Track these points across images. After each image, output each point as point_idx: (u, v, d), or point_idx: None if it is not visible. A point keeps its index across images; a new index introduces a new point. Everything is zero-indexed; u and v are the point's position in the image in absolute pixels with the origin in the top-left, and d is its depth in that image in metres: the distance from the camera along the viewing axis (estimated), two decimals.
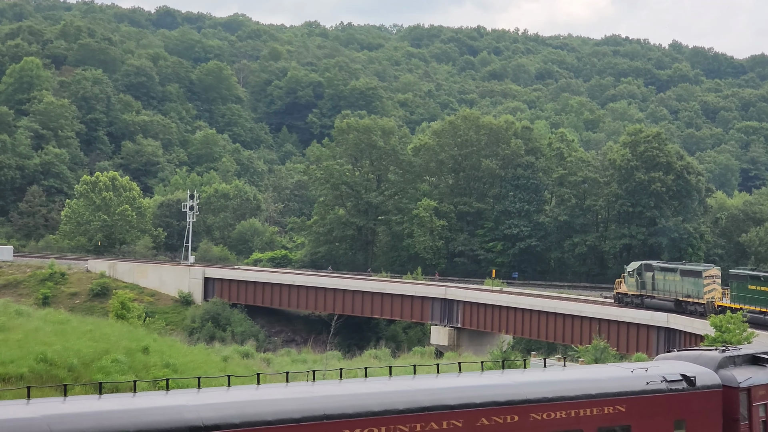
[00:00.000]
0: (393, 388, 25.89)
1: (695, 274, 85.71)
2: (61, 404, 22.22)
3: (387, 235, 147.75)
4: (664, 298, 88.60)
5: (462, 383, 27.57)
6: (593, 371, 33.10)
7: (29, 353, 49.34)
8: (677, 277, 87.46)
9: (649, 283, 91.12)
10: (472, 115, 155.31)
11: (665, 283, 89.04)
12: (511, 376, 28.91)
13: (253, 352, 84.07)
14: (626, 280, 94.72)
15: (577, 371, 32.67)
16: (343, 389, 25.47)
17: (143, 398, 23.70)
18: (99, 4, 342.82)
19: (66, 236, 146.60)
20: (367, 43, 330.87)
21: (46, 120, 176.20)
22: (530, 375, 29.50)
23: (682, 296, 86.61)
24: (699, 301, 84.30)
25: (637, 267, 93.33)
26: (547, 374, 29.97)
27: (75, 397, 23.68)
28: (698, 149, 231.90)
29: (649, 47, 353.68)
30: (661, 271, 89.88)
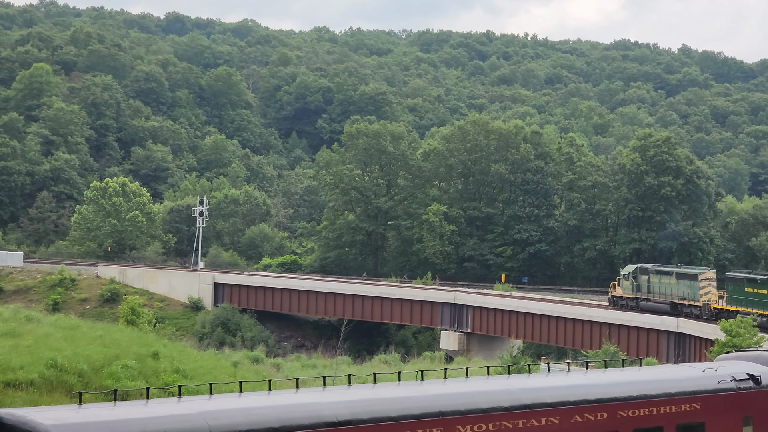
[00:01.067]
0: (497, 388, 27.64)
1: (691, 277, 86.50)
2: (208, 402, 24.60)
3: (396, 240, 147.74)
4: (660, 300, 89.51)
5: (556, 383, 29.14)
6: (670, 371, 34.21)
7: (39, 359, 49.37)
8: (673, 280, 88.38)
9: (644, 286, 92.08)
10: (482, 120, 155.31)
11: (661, 286, 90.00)
12: (598, 377, 30.58)
13: (263, 358, 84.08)
14: (621, 284, 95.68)
15: (655, 371, 33.96)
16: (450, 389, 27.14)
17: (279, 396, 25.74)
18: (109, 10, 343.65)
19: (76, 242, 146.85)
20: (377, 48, 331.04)
21: (55, 126, 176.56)
22: (614, 375, 30.98)
23: (677, 299, 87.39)
24: (695, 303, 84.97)
25: (633, 270, 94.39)
26: (630, 374, 31.31)
27: (218, 395, 25.94)
28: (708, 153, 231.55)
29: (658, 51, 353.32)
30: (656, 274, 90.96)
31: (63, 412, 23.11)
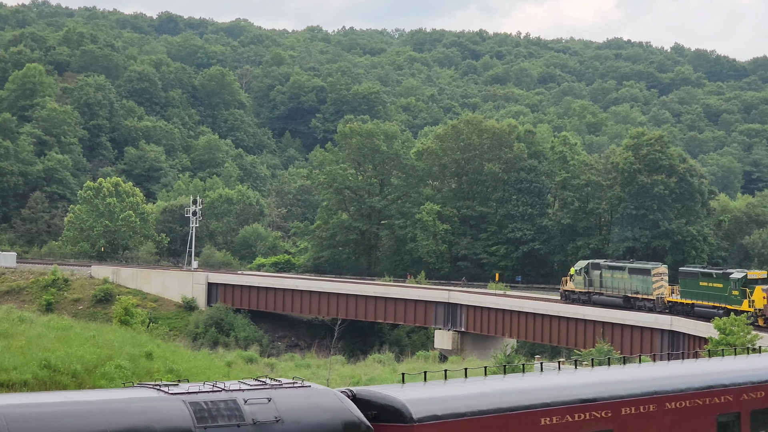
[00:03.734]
0: (626, 377, 30.21)
1: (644, 272, 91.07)
2: (503, 381, 28.40)
3: (390, 239, 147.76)
4: (613, 294, 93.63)
5: (660, 373, 31.57)
6: (758, 360, 35.95)
7: (32, 359, 49.30)
8: (625, 275, 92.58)
9: (596, 281, 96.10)
10: (475, 119, 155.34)
11: (613, 281, 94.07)
12: (696, 366, 33.34)
13: (256, 357, 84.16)
14: (573, 279, 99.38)
15: (740, 361, 35.51)
16: (590, 378, 29.83)
17: (521, 379, 29.19)
18: (101, 10, 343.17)
19: (69, 242, 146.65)
20: (370, 47, 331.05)
21: (48, 126, 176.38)
22: (694, 366, 33.61)
23: (630, 293, 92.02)
24: (648, 297, 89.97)
25: (585, 266, 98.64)
26: (716, 364, 33.65)
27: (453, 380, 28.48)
28: (701, 152, 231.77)
29: (651, 50, 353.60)
30: (608, 269, 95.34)
31: (410, 389, 26.86)
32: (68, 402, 21.99)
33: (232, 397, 23.96)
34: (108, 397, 23.12)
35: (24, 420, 20.72)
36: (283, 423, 23.91)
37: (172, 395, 23.44)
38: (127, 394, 23.48)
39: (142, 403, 22.87)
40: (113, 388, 30.24)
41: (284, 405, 24.22)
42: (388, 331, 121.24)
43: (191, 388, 24.20)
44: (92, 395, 23.47)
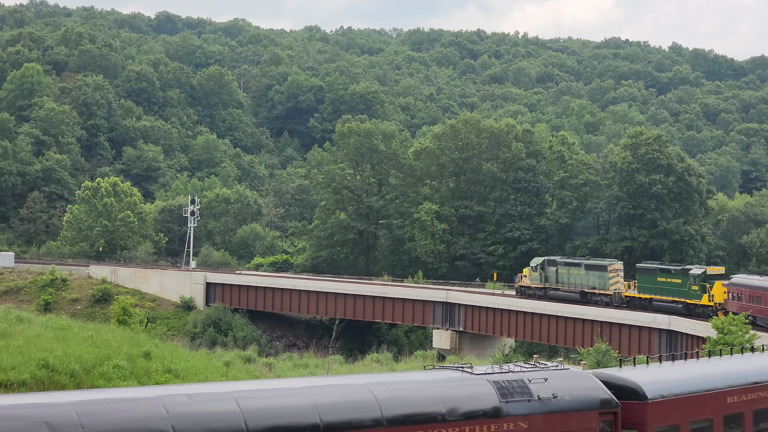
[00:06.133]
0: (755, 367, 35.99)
1: (600, 268, 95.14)
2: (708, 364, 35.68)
3: (388, 239, 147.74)
4: (569, 290, 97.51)
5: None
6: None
7: (30, 359, 49.35)
8: (582, 271, 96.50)
9: (552, 277, 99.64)
10: (473, 119, 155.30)
11: (569, 277, 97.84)
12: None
13: (255, 357, 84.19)
14: (529, 275, 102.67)
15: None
16: (730, 366, 35.54)
17: (703, 364, 36.04)
18: (99, 10, 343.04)
19: (67, 242, 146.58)
20: (368, 47, 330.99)
21: (47, 126, 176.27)
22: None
23: (587, 288, 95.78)
24: (605, 292, 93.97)
25: (540, 263, 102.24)
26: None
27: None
28: (699, 151, 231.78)
29: (649, 50, 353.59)
30: (564, 266, 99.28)
31: (638, 372, 31.96)
32: (410, 381, 27.66)
33: (520, 377, 28.65)
34: (430, 377, 28.23)
35: (388, 388, 26.66)
36: (558, 399, 28.46)
37: (477, 375, 28.33)
38: (440, 375, 28.73)
39: (458, 381, 28.03)
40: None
41: (557, 384, 28.82)
42: (386, 330, 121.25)
43: (487, 369, 29.08)
44: (416, 376, 28.69)
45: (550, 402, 28.27)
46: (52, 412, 21.70)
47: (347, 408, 25.11)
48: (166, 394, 23.65)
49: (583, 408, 28.86)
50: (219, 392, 24.35)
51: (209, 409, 23.30)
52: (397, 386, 27.07)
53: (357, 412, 25.14)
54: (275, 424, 23.83)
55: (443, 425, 26.29)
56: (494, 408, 27.33)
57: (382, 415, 25.43)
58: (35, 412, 21.58)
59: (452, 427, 26.49)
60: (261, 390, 25.40)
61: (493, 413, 27.26)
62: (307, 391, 25.31)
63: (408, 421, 25.78)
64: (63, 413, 21.76)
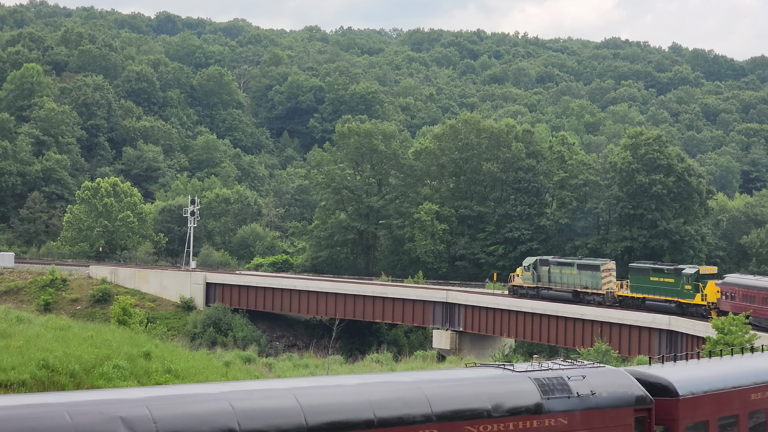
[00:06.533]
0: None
1: (593, 268, 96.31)
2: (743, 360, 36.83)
3: (388, 239, 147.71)
4: (562, 289, 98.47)
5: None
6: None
7: (30, 360, 49.31)
8: (574, 270, 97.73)
9: (545, 277, 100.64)
10: (473, 119, 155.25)
11: (562, 276, 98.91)
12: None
13: (255, 357, 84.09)
14: (522, 275, 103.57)
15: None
16: (753, 364, 36.80)
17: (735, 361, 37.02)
18: (99, 10, 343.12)
19: (67, 242, 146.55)
20: (368, 47, 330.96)
21: (47, 126, 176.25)
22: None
23: (580, 288, 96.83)
24: (598, 291, 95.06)
25: (533, 262, 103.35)
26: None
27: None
28: (699, 151, 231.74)
29: (649, 50, 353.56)
30: (557, 265, 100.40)
31: (669, 369, 33.00)
32: (457, 378, 28.87)
33: (560, 374, 29.65)
34: (474, 375, 29.30)
35: (436, 385, 27.69)
36: (596, 396, 29.46)
37: (519, 373, 29.36)
38: (483, 372, 29.70)
39: (501, 378, 29.02)
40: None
41: (594, 381, 29.81)
42: (386, 330, 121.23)
43: (528, 367, 30.13)
44: (461, 374, 29.85)
45: (588, 399, 29.30)
46: (125, 408, 22.83)
47: (399, 404, 26.14)
48: (230, 390, 24.88)
49: (620, 405, 29.86)
50: (279, 389, 25.66)
51: (271, 405, 24.51)
52: (445, 383, 28.24)
53: (408, 408, 26.16)
54: (332, 420, 24.99)
55: (489, 421, 27.32)
56: (536, 404, 28.39)
57: (432, 411, 26.45)
58: (110, 408, 22.74)
59: (497, 423, 27.52)
60: (316, 387, 26.49)
61: (535, 409, 28.33)
62: (362, 389, 26.52)
63: (456, 417, 26.84)
64: (135, 408, 22.91)
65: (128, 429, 22.35)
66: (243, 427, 23.61)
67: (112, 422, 22.24)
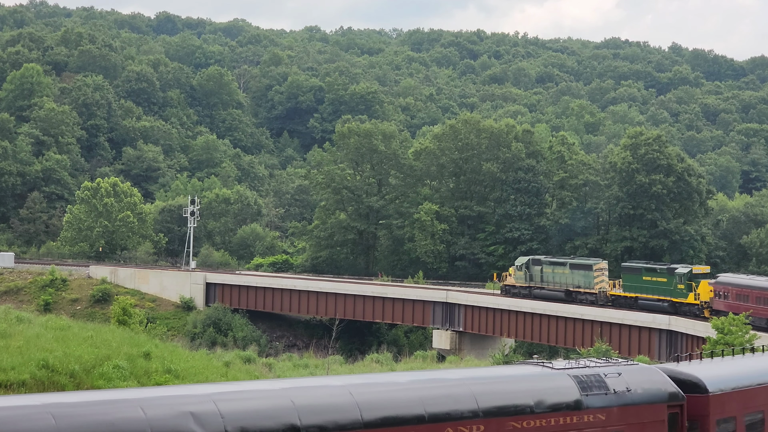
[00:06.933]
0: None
1: (586, 268, 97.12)
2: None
3: (388, 239, 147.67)
4: (554, 289, 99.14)
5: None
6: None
7: (30, 360, 49.29)
8: (567, 270, 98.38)
9: (537, 276, 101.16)
10: (473, 119, 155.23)
11: (554, 276, 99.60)
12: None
13: (254, 357, 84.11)
14: (514, 274, 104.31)
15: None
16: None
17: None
18: (99, 11, 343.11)
19: (67, 242, 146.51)
20: (368, 47, 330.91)
21: (46, 126, 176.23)
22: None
23: (572, 287, 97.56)
24: (590, 291, 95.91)
25: (526, 262, 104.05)
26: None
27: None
28: (699, 151, 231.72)
29: (649, 50, 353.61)
30: (549, 265, 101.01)
31: (697, 367, 33.73)
32: (501, 376, 30.26)
33: (597, 372, 30.54)
34: (516, 372, 30.60)
35: (482, 383, 28.79)
36: (632, 392, 30.33)
37: (558, 370, 30.34)
38: (524, 370, 30.80)
39: (542, 375, 29.96)
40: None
41: (629, 378, 30.71)
42: (386, 330, 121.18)
43: (566, 364, 31.06)
44: (504, 371, 31.76)
45: (624, 395, 30.19)
46: (194, 403, 23.93)
47: (448, 401, 27.22)
48: (291, 387, 26.20)
49: (654, 401, 30.82)
50: (335, 385, 26.75)
51: (329, 402, 25.69)
52: (490, 380, 29.43)
53: (456, 405, 27.23)
54: (386, 415, 26.12)
55: (531, 417, 28.32)
56: (576, 401, 29.35)
57: (478, 407, 27.50)
58: (179, 403, 23.88)
59: (539, 419, 28.51)
60: (371, 383, 27.61)
61: (575, 406, 29.30)
62: (413, 385, 27.64)
63: (501, 413, 27.88)
64: (204, 403, 23.98)
65: (197, 424, 23.37)
66: (303, 422, 24.69)
67: (183, 417, 23.33)
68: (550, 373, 30.34)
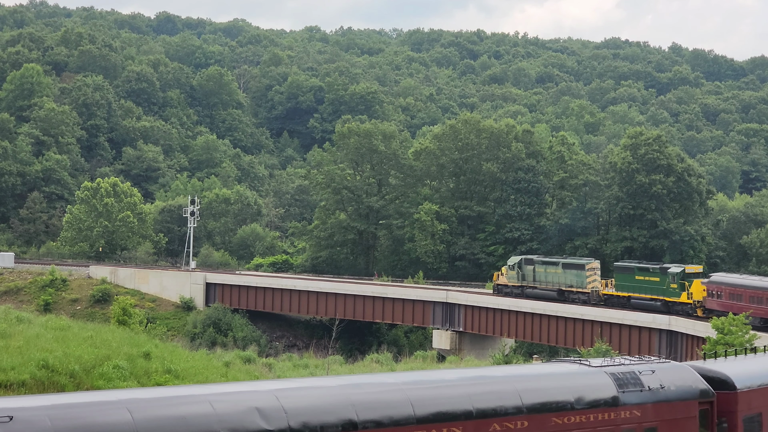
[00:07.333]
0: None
1: (578, 267, 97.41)
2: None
3: (388, 239, 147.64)
4: (547, 288, 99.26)
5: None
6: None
7: (30, 360, 49.27)
8: (559, 269, 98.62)
9: (529, 276, 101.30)
10: (473, 119, 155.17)
11: (547, 275, 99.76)
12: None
13: (254, 357, 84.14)
14: (507, 273, 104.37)
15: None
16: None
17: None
18: (99, 11, 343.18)
19: (67, 242, 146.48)
20: (368, 47, 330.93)
21: (47, 126, 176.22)
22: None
23: (564, 286, 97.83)
24: (583, 290, 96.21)
25: (518, 261, 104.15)
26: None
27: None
28: (699, 151, 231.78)
29: (649, 50, 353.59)
30: (542, 264, 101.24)
31: (725, 364, 34.49)
32: (542, 373, 31.12)
33: (632, 369, 31.44)
34: (556, 370, 31.42)
35: (525, 380, 29.88)
36: (665, 389, 31.28)
37: (595, 368, 31.28)
38: (563, 368, 31.64)
39: (580, 373, 30.85)
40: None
41: (663, 375, 31.69)
42: (386, 331, 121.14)
43: (603, 362, 31.95)
44: (544, 369, 32.52)
45: (658, 392, 31.19)
46: (259, 399, 25.20)
47: (494, 397, 28.38)
48: (346, 384, 27.43)
49: (686, 398, 31.76)
50: (389, 382, 27.91)
51: (383, 399, 26.75)
52: (533, 378, 30.45)
53: (502, 401, 28.40)
54: (437, 411, 27.26)
55: (572, 413, 29.39)
56: (613, 397, 30.35)
57: (523, 403, 28.61)
58: (245, 398, 25.15)
59: (579, 415, 29.56)
60: (422, 381, 28.89)
61: (612, 402, 30.29)
62: (461, 383, 28.88)
63: (544, 409, 28.94)
64: (268, 399, 25.25)
65: (263, 418, 24.59)
66: (360, 417, 25.92)
67: (250, 412, 24.54)
68: (588, 370, 31.24)
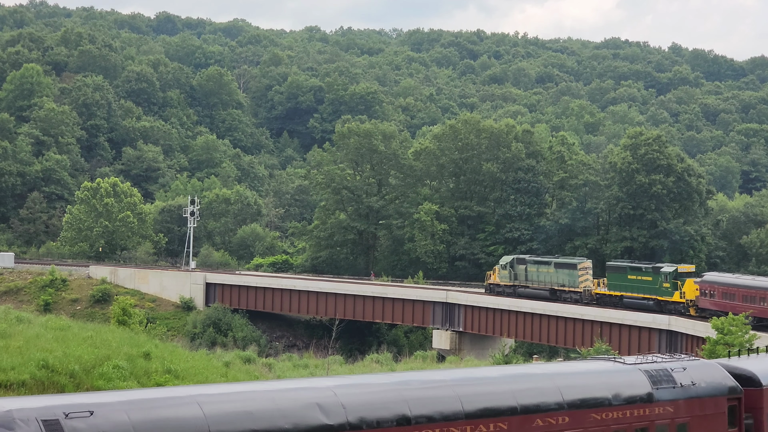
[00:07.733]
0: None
1: (570, 267, 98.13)
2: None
3: (388, 239, 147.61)
4: (539, 287, 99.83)
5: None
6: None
7: (30, 360, 49.25)
8: (551, 269, 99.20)
9: (521, 275, 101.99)
10: (473, 119, 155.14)
11: (539, 275, 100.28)
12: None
13: (254, 358, 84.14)
14: (499, 273, 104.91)
15: None
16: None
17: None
18: (99, 11, 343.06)
19: (67, 242, 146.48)
20: (368, 47, 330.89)
21: (46, 126, 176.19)
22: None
23: (557, 286, 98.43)
24: (575, 289, 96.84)
25: (510, 261, 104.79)
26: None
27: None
28: (699, 151, 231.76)
29: (649, 50, 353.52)
30: (534, 264, 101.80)
31: (750, 362, 35.36)
32: (580, 371, 32.10)
33: (665, 366, 32.60)
34: (593, 368, 32.54)
35: (565, 377, 30.97)
36: (696, 386, 32.30)
37: (630, 365, 32.40)
38: (599, 365, 32.78)
39: (616, 370, 31.91)
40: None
41: (693, 373, 32.71)
42: (386, 331, 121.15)
43: (637, 360, 33.13)
44: (581, 366, 33.45)
45: (690, 389, 32.26)
46: (318, 395, 26.56)
47: (537, 394, 29.64)
48: (399, 380, 28.74)
49: (715, 394, 32.81)
50: (439, 379, 29.33)
51: (434, 395, 28.14)
52: (572, 375, 31.50)
53: (544, 397, 29.67)
54: (484, 407, 28.52)
55: (609, 409, 30.56)
56: (648, 394, 31.53)
57: (563, 399, 29.85)
58: (305, 395, 26.55)
59: (616, 411, 30.70)
60: (469, 378, 30.32)
61: (647, 398, 31.48)
62: (505, 380, 30.19)
63: (583, 405, 30.17)
64: (327, 395, 26.61)
65: (324, 414, 25.93)
66: (413, 412, 27.21)
67: (311, 408, 25.93)
68: (623, 368, 32.16)
